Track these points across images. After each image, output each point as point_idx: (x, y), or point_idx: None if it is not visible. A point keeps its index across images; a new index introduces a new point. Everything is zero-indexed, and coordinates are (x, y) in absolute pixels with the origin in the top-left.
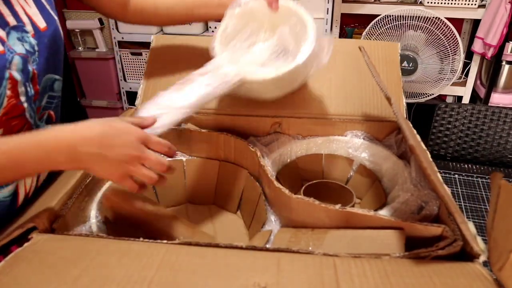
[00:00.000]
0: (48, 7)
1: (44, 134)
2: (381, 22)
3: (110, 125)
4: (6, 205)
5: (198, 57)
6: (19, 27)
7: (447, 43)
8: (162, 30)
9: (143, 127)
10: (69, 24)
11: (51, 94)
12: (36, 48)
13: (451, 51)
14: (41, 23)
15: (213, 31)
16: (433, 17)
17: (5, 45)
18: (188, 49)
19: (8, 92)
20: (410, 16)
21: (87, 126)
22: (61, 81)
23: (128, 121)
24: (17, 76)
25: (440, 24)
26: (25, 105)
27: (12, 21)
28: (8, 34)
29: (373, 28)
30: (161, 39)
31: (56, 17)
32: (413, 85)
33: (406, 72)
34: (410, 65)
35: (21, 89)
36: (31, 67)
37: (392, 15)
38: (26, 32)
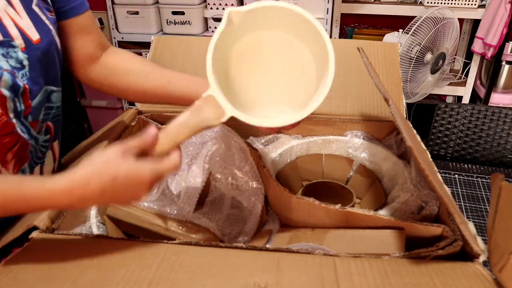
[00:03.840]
0: (43, 17)
1: (35, 192)
2: (422, 25)
3: (113, 177)
4: None
5: (198, 58)
6: (5, 42)
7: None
8: (162, 30)
9: (148, 148)
10: None
11: (48, 105)
12: (25, 62)
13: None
14: (34, 35)
15: (213, 31)
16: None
17: None
18: (188, 49)
19: None
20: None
21: (84, 183)
22: (60, 91)
23: (130, 150)
24: (6, 92)
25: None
26: (14, 121)
27: None
28: None
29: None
30: (161, 39)
31: (52, 27)
32: (411, 85)
33: (437, 70)
34: (443, 63)
35: (10, 105)
36: (21, 82)
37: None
38: (14, 46)
